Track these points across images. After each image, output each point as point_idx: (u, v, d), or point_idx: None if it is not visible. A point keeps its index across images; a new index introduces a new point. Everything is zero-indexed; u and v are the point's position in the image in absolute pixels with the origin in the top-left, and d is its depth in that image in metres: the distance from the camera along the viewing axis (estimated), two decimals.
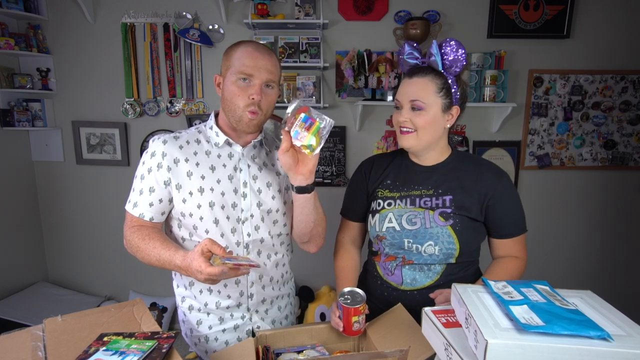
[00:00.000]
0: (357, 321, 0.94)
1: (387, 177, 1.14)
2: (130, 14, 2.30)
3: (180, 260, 0.90)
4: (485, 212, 1.05)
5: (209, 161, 1.02)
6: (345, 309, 0.94)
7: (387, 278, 1.11)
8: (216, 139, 1.04)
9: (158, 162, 0.99)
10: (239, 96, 0.97)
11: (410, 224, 1.05)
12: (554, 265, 2.58)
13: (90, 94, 2.42)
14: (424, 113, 1.00)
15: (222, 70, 1.02)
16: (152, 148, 1.01)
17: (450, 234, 1.02)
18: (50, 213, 2.57)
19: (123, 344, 0.77)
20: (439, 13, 2.29)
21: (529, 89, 2.38)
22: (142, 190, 1.01)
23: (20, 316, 2.10)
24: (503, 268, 1.07)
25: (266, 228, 1.07)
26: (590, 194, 2.51)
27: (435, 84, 1.00)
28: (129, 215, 1.02)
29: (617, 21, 2.31)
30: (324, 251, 1.21)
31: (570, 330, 0.56)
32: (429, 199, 1.06)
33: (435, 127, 1.03)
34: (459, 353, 0.65)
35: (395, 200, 1.09)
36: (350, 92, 2.28)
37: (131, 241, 1.00)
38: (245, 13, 2.28)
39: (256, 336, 0.96)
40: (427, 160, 1.10)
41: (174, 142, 1.01)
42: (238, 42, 1.02)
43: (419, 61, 1.05)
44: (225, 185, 1.02)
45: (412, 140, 1.04)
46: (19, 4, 2.18)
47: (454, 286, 0.74)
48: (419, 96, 1.00)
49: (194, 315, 1.09)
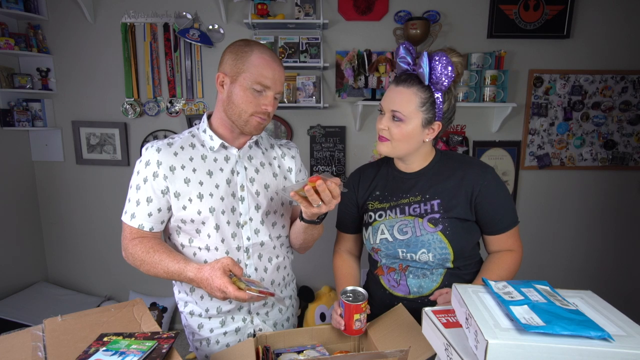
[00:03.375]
0: (359, 319, 0.94)
1: (376, 188, 1.13)
2: (130, 14, 2.30)
3: (193, 274, 0.91)
4: (475, 210, 1.04)
5: (205, 166, 1.01)
6: (347, 306, 0.94)
7: (394, 290, 1.10)
8: (211, 143, 1.02)
9: (154, 171, 0.97)
10: (250, 103, 0.96)
11: (402, 233, 1.05)
12: (554, 265, 2.58)
13: (90, 94, 2.41)
14: (402, 125, 0.99)
15: (229, 70, 0.97)
16: (146, 157, 0.99)
17: (442, 239, 1.01)
18: (50, 213, 2.57)
19: (123, 344, 0.77)
20: (439, 13, 2.29)
21: (529, 89, 2.38)
22: (138, 201, 0.98)
23: (20, 316, 2.10)
24: (499, 263, 1.06)
25: (266, 231, 1.06)
26: (590, 194, 2.51)
27: (419, 97, 0.98)
28: (128, 227, 1.00)
29: (617, 21, 2.31)
30: (324, 251, 1.22)
31: (570, 331, 0.56)
32: (417, 206, 1.05)
33: (411, 141, 1.01)
34: (459, 353, 0.65)
35: (385, 211, 1.09)
36: (350, 92, 2.28)
37: (134, 254, 0.98)
38: (245, 13, 2.28)
39: (256, 336, 0.95)
40: (412, 166, 1.10)
41: (168, 149, 0.99)
42: (248, 43, 0.98)
43: (410, 67, 1.02)
44: (224, 190, 1.01)
45: (387, 148, 1.04)
46: (19, 4, 2.17)
47: (454, 286, 0.74)
48: (400, 107, 0.98)
49: (195, 320, 1.09)
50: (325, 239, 1.17)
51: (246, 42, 0.99)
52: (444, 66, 0.94)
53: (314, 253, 2.55)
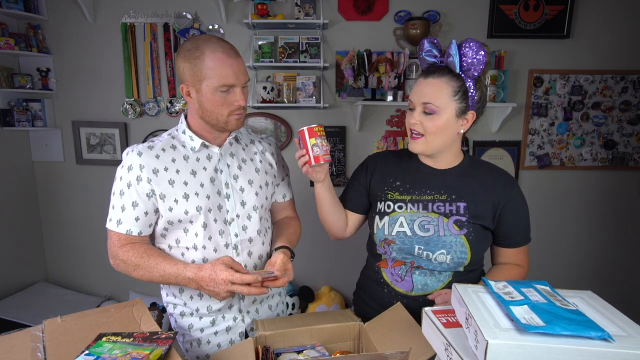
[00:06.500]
0: (316, 144, 0.97)
1: (397, 178, 1.10)
2: (130, 14, 2.30)
3: (193, 273, 0.92)
4: (497, 220, 1.03)
5: (188, 166, 1.00)
6: (301, 132, 0.98)
7: (396, 285, 1.07)
8: (191, 144, 1.01)
9: (137, 175, 0.96)
10: (222, 105, 0.95)
11: (423, 230, 1.02)
12: (554, 265, 2.58)
13: (90, 94, 2.41)
14: (436, 117, 0.96)
15: (190, 80, 0.94)
16: (127, 161, 0.98)
17: (464, 243, 0.99)
18: (50, 213, 2.57)
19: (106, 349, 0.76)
20: (439, 13, 2.29)
21: (529, 89, 2.38)
22: (124, 207, 0.97)
23: (20, 316, 2.10)
24: (506, 275, 1.05)
25: (254, 227, 1.07)
26: (590, 194, 2.51)
27: (451, 86, 0.95)
28: (115, 234, 0.99)
29: (617, 21, 2.31)
30: (324, 251, 1.22)
31: (570, 331, 0.56)
32: (442, 204, 1.03)
33: (446, 133, 0.98)
34: (459, 353, 0.64)
35: (406, 204, 1.05)
36: (350, 92, 2.28)
37: (126, 260, 0.97)
38: (245, 13, 2.28)
39: (256, 336, 0.95)
40: (440, 163, 1.06)
41: (149, 152, 0.98)
42: (196, 45, 0.93)
43: (437, 60, 0.98)
44: (209, 188, 1.01)
45: (421, 145, 1.00)
46: (19, 4, 2.17)
47: (454, 286, 0.74)
48: (432, 99, 0.95)
49: (186, 320, 1.08)
50: (325, 239, 1.17)
51: (194, 43, 0.94)
52: (476, 51, 0.91)
53: (314, 253, 2.56)
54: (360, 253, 1.27)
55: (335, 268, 2.56)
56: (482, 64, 0.92)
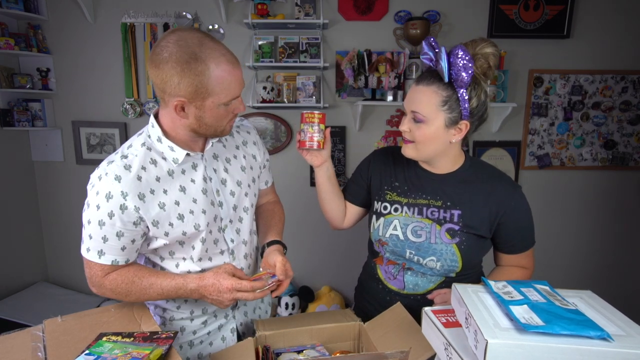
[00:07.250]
0: (303, 130, 1.02)
1: (397, 178, 1.09)
2: (130, 14, 2.30)
3: (195, 284, 0.89)
4: (496, 228, 1.01)
5: (175, 182, 0.90)
6: (302, 115, 1.02)
7: (389, 282, 1.09)
8: (172, 155, 0.90)
9: (120, 204, 0.83)
10: (224, 118, 0.89)
11: (415, 235, 1.01)
12: (554, 265, 2.58)
13: (90, 94, 2.41)
14: (424, 126, 0.93)
15: (189, 96, 0.81)
16: (104, 188, 0.83)
17: (455, 251, 0.99)
18: (50, 213, 2.57)
19: (106, 348, 0.76)
20: (439, 13, 2.29)
21: (529, 89, 2.38)
22: (105, 237, 0.86)
23: (20, 316, 2.10)
24: (509, 277, 1.04)
25: (247, 228, 1.06)
26: (590, 194, 2.51)
27: (440, 95, 0.91)
28: (97, 265, 0.89)
29: (617, 21, 2.31)
30: (324, 251, 1.22)
31: (570, 330, 0.56)
32: (436, 210, 1.02)
33: (436, 142, 0.96)
34: (459, 353, 0.65)
35: (402, 207, 1.05)
36: (350, 92, 2.28)
37: (114, 289, 0.90)
38: (245, 13, 2.28)
39: (256, 336, 0.95)
40: (437, 168, 1.04)
41: (128, 174, 0.84)
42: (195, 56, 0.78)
43: (432, 64, 0.94)
44: (202, 202, 0.93)
45: (411, 151, 0.99)
46: (19, 4, 2.17)
47: (454, 286, 0.74)
48: (419, 108, 0.93)
49: (177, 324, 1.04)
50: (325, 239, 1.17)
51: (189, 52, 0.78)
52: (462, 59, 0.86)
53: (314, 253, 2.56)
54: (361, 253, 1.28)
55: (335, 268, 2.56)
56: (469, 75, 0.87)
